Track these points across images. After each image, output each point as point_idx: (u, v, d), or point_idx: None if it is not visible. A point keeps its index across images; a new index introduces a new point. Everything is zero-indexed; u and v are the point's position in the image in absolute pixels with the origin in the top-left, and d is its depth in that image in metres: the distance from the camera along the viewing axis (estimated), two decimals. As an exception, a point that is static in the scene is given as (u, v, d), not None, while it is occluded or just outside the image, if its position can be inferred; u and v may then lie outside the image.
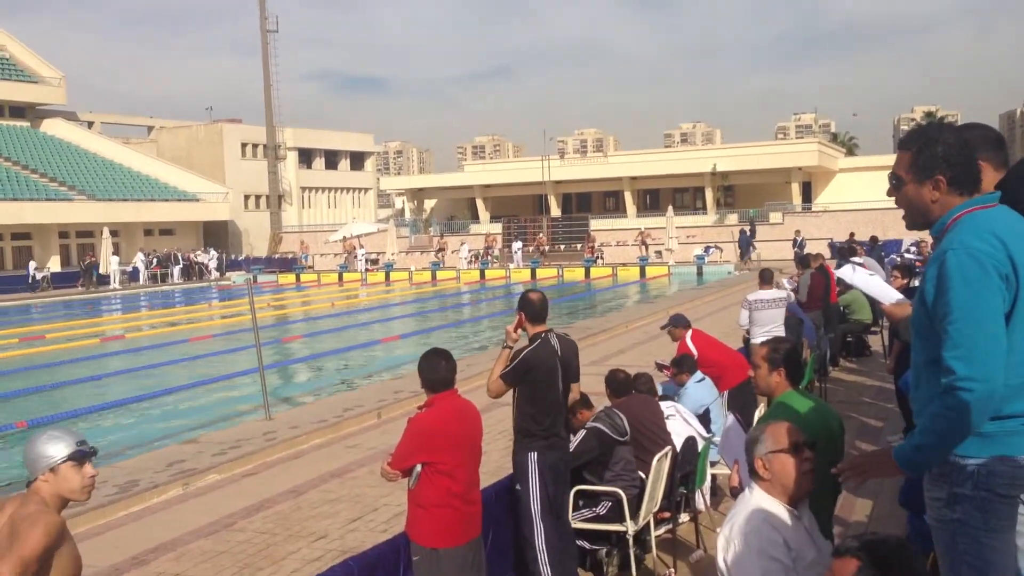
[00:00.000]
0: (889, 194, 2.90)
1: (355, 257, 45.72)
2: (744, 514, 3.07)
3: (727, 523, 3.14)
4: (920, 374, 2.91)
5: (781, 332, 9.89)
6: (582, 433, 5.91)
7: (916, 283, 9.41)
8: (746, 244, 41.47)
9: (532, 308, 5.45)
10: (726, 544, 3.06)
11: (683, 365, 7.85)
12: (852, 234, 30.51)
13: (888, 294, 3.60)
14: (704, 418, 7.33)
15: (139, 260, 45.49)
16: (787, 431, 3.17)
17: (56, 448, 3.12)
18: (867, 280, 3.74)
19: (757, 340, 10.16)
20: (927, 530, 3.34)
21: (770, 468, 3.11)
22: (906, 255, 23.61)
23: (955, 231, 2.71)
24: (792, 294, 12.39)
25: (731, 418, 5.13)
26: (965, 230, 2.69)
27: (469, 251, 45.25)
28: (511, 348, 5.40)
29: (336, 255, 49.59)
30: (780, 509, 3.08)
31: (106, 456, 10.54)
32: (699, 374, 7.79)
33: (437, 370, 4.63)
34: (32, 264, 42.98)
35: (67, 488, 3.13)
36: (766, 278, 10.75)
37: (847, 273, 3.88)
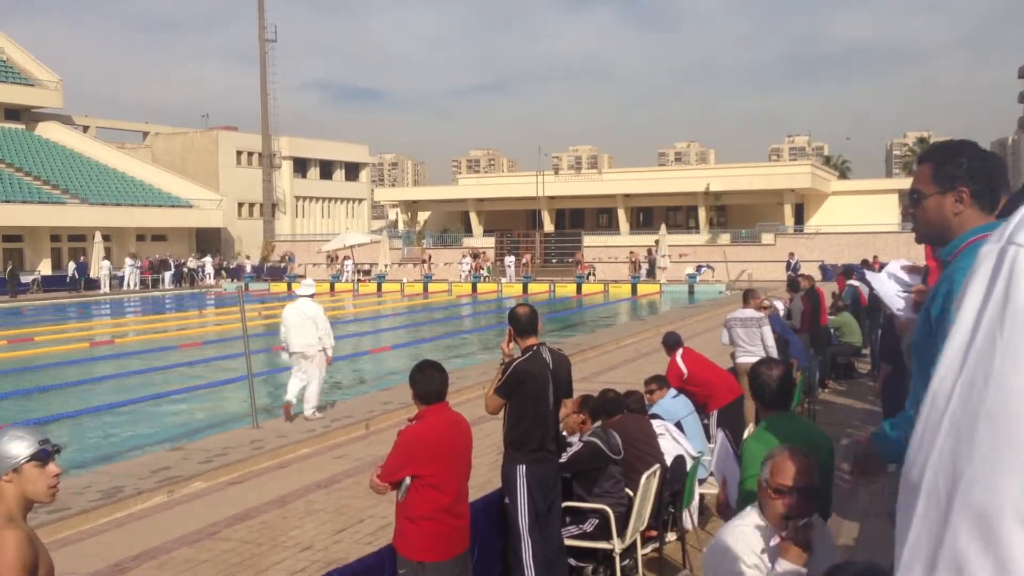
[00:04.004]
0: (905, 213, 2.82)
1: (340, 266, 46.12)
2: (734, 536, 3.06)
3: (716, 543, 3.13)
4: (920, 397, 2.86)
5: (760, 350, 9.84)
6: (578, 445, 5.89)
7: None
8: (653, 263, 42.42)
9: (519, 322, 5.47)
10: (714, 564, 3.05)
11: (660, 382, 7.96)
12: (876, 257, 30.62)
13: (895, 303, 3.54)
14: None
15: (127, 265, 45.01)
16: (797, 472, 3.10)
17: (18, 447, 3.03)
18: (882, 283, 3.69)
19: (740, 360, 10.16)
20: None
21: (765, 496, 3.08)
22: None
23: (968, 255, 2.54)
24: (779, 313, 12.39)
25: (720, 435, 5.12)
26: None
27: (468, 264, 45.48)
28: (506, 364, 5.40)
29: (328, 265, 49.51)
30: (771, 534, 3.07)
31: (91, 461, 10.47)
32: (674, 391, 7.88)
33: (431, 383, 4.62)
34: (71, 265, 43.25)
35: (31, 489, 3.04)
36: (746, 298, 10.79)
37: (879, 278, 3.82)
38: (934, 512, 1.05)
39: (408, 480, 4.45)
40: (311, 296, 11.74)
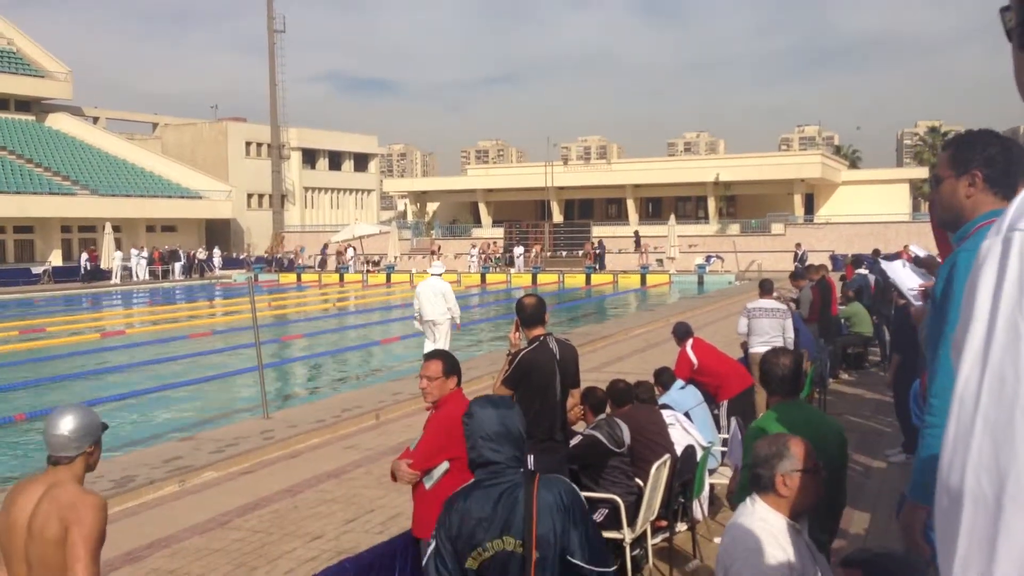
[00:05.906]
0: (928, 196, 2.88)
1: (347, 257, 46.36)
2: (747, 527, 3.04)
3: (728, 534, 3.12)
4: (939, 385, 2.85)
5: (780, 342, 9.85)
6: (578, 438, 5.89)
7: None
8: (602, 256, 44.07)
9: (524, 313, 5.48)
10: (728, 556, 3.04)
11: (661, 377, 7.94)
12: (906, 247, 30.47)
13: (911, 293, 3.54)
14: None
15: (133, 256, 45.06)
16: (808, 449, 3.14)
17: (97, 422, 3.16)
18: (896, 272, 3.68)
19: (755, 349, 10.14)
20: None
21: (791, 486, 3.08)
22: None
23: (975, 238, 2.60)
24: (791, 305, 12.36)
25: (733, 425, 5.12)
26: (985, 236, 2.54)
27: (477, 254, 45.60)
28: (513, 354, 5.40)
29: (338, 254, 49.59)
30: (783, 523, 3.06)
31: (103, 451, 10.53)
32: (680, 382, 7.89)
33: None
34: (83, 256, 43.40)
35: (93, 461, 3.18)
36: (766, 288, 10.75)
37: (895, 267, 3.81)
38: (982, 514, 1.02)
39: (446, 465, 4.44)
40: (441, 275, 14.32)
